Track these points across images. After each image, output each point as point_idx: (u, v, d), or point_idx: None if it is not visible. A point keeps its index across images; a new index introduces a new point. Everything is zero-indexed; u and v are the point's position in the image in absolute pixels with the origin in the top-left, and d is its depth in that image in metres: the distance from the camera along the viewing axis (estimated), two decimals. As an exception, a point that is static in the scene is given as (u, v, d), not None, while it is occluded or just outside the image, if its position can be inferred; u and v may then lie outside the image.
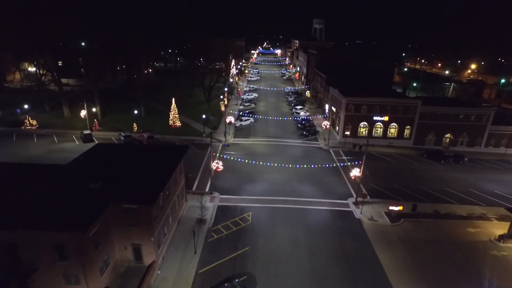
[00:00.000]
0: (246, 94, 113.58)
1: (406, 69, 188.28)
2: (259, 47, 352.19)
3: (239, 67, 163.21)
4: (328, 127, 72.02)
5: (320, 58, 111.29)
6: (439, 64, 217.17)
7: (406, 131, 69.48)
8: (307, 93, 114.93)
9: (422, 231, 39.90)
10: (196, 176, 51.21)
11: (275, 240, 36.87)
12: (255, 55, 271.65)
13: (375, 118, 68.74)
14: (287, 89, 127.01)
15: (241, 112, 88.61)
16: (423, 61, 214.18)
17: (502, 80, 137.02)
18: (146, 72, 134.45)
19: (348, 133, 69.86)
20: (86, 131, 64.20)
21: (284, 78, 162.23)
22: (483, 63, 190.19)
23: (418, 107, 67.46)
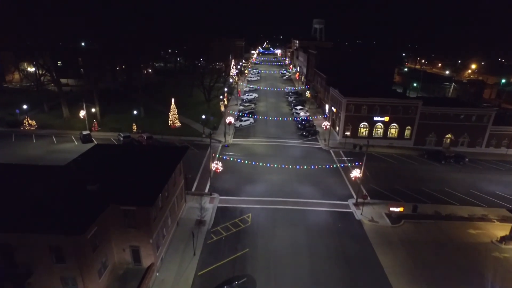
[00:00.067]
0: (246, 94, 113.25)
1: (406, 69, 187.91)
2: (259, 47, 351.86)
3: (239, 67, 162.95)
4: (328, 127, 71.78)
5: (320, 58, 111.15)
6: (439, 64, 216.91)
7: (407, 131, 69.28)
8: (307, 93, 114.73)
9: (423, 233, 39.66)
10: (195, 177, 51.00)
11: (275, 242, 36.64)
12: (255, 55, 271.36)
13: (375, 119, 68.53)
14: (287, 89, 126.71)
15: (241, 113, 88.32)
16: (423, 61, 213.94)
17: (503, 80, 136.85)
18: (145, 72, 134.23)
19: (348, 133, 69.62)
20: (85, 132, 64.10)
21: (284, 78, 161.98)
22: (483, 63, 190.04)
23: (418, 108, 67.22)
